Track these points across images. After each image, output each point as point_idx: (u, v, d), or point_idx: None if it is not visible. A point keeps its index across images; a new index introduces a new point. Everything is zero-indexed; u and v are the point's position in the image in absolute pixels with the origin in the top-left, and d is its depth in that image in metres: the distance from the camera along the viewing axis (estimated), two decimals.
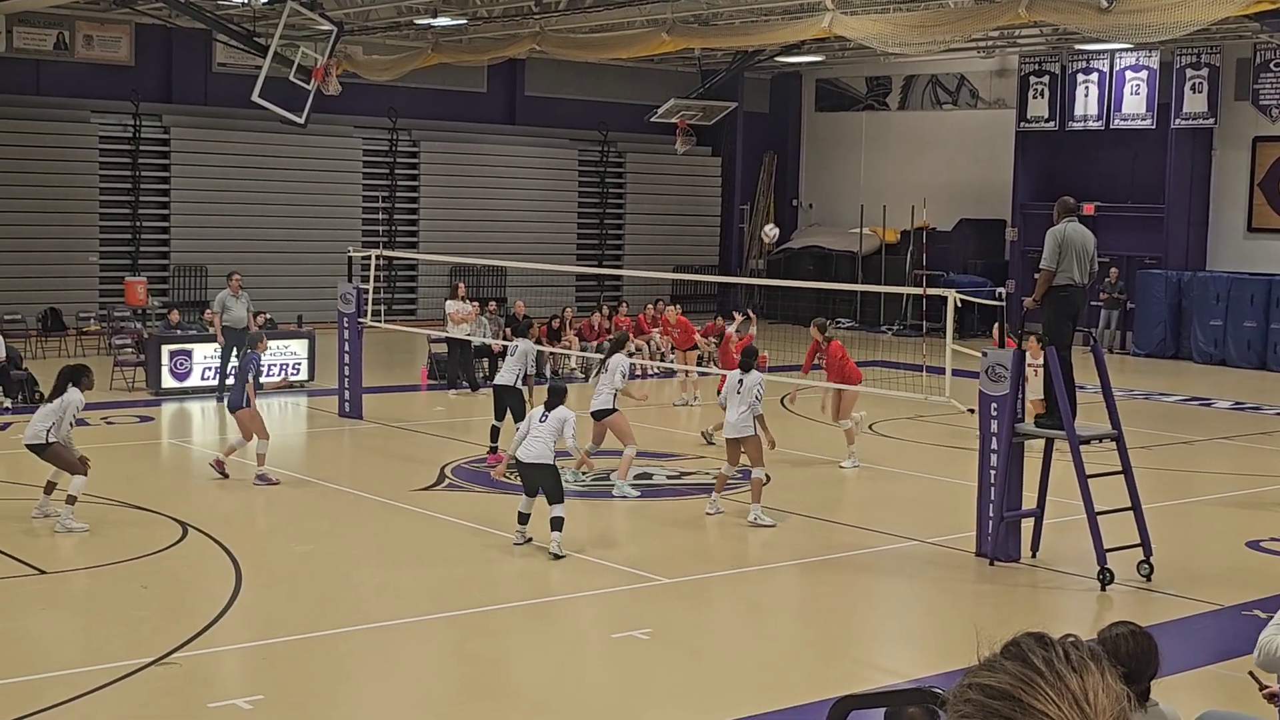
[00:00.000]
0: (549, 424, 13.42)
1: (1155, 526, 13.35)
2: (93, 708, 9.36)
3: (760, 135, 41.84)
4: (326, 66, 26.52)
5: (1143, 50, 32.62)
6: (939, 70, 38.50)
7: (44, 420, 14.35)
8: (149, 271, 31.95)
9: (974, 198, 37.50)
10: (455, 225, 36.34)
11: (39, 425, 14.32)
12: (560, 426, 13.43)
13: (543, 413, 13.57)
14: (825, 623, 12.02)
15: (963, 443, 18.88)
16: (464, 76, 36.11)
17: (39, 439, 14.27)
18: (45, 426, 14.28)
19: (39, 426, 14.31)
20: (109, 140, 32.18)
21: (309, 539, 14.29)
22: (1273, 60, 32.07)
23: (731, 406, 15.09)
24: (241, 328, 22.84)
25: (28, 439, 14.41)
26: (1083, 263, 13.33)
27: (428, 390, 24.76)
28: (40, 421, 14.35)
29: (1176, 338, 32.26)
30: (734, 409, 15.03)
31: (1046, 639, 2.12)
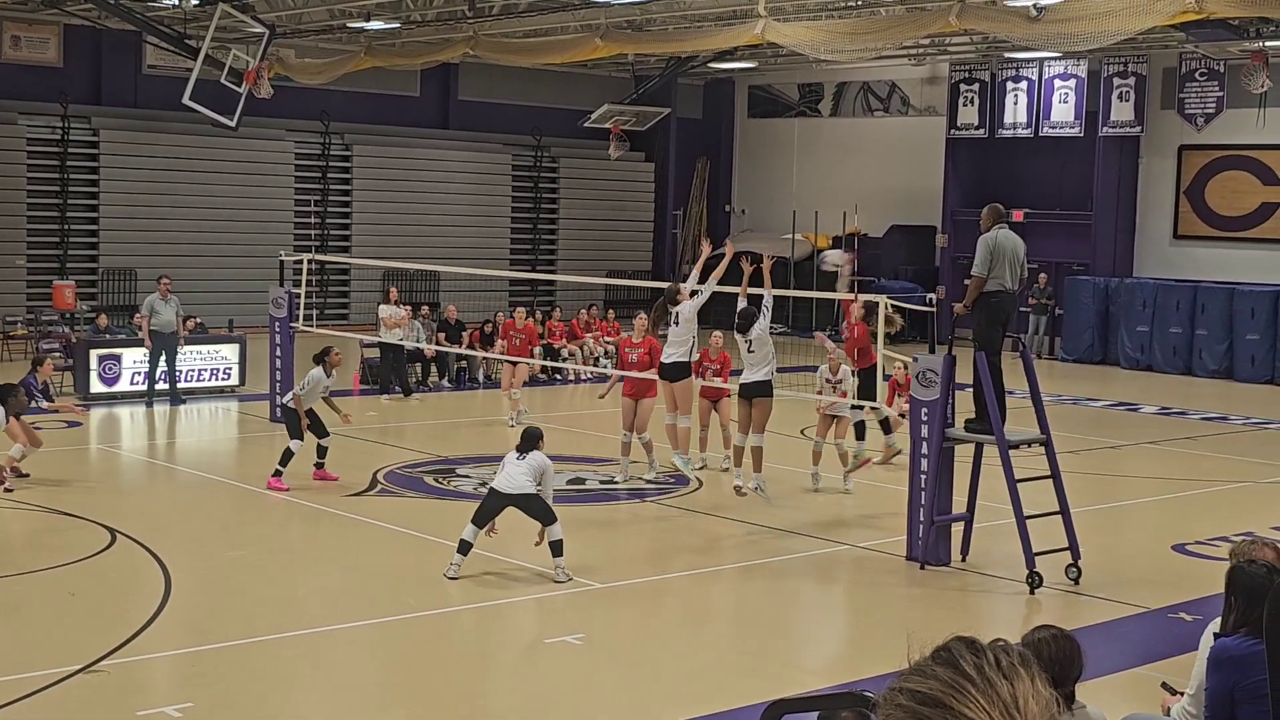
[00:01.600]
0: (527, 464, 12.78)
1: (1083, 530, 13.50)
2: (19, 716, 9.25)
3: (693, 141, 41.96)
4: (258, 69, 26.39)
5: (1071, 59, 33.00)
6: (871, 77, 38.75)
7: None
8: (77, 275, 31.61)
9: (905, 204, 37.77)
10: (388, 229, 36.21)
11: None
12: (540, 472, 12.75)
13: (516, 455, 12.86)
14: (757, 627, 12.07)
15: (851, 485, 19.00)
16: (397, 80, 35.97)
17: None
18: None
19: None
20: (37, 142, 31.82)
21: (240, 544, 14.19)
22: (1198, 70, 32.52)
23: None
24: (170, 332, 22.67)
25: None
26: (1014, 269, 13.45)
27: (360, 395, 24.63)
28: None
29: (1104, 343, 32.63)
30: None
31: (977, 644, 2.13)
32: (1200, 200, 33.16)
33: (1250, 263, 32.16)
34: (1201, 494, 17.98)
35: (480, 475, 17.49)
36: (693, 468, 16.89)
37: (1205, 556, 14.33)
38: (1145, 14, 19.55)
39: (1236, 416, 24.96)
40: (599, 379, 26.58)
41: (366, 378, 25.42)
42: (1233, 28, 24.56)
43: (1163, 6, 19.32)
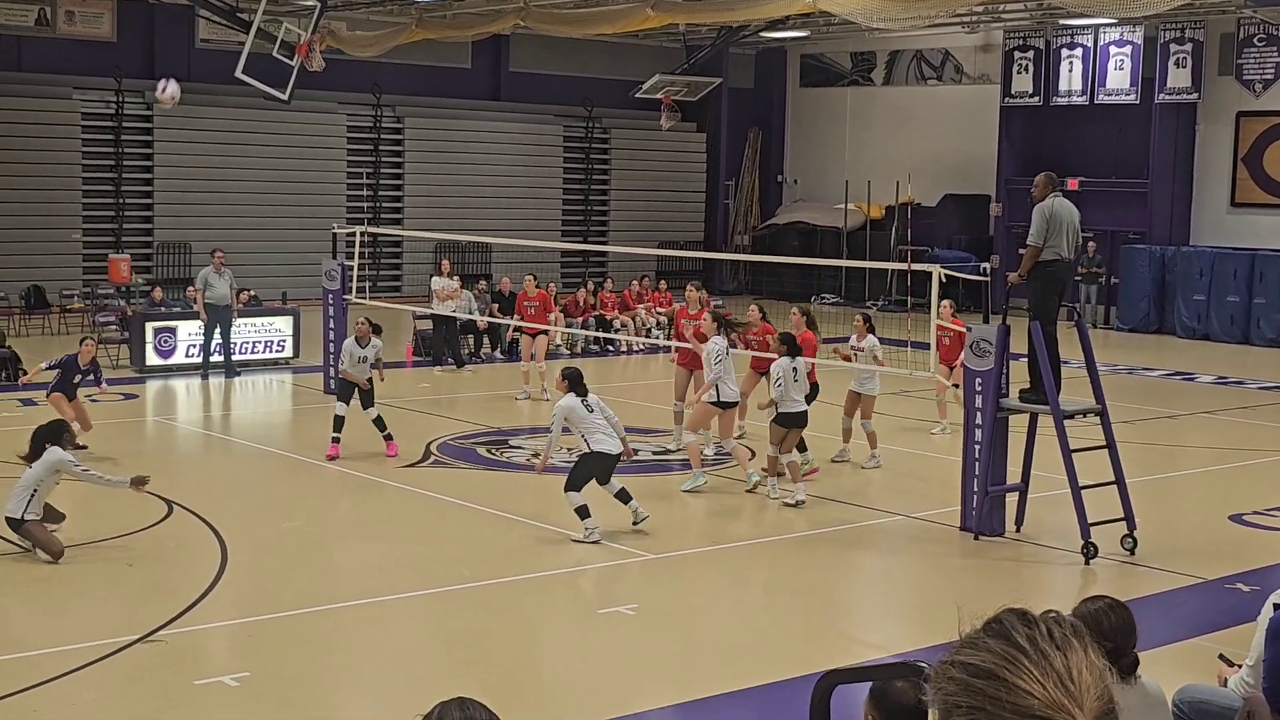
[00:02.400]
0: (603, 414, 13.14)
1: (1139, 501, 13.41)
2: (79, 685, 9.37)
3: (745, 111, 41.78)
4: (310, 42, 26.44)
5: (1127, 25, 32.62)
6: (924, 45, 38.46)
7: (24, 490, 12.42)
8: (132, 249, 31.85)
9: (958, 173, 37.51)
10: (440, 201, 36.28)
11: (17, 497, 12.38)
12: (607, 412, 13.26)
13: (585, 404, 13.03)
14: (811, 598, 12.06)
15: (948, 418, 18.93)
16: (448, 52, 35.98)
17: (14, 514, 12.33)
18: (24, 499, 12.35)
19: (16, 498, 12.38)
20: (91, 117, 32.04)
21: (295, 516, 14.29)
22: (1256, 35, 32.09)
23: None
24: (224, 304, 22.80)
25: (6, 512, 12.43)
26: (1070, 238, 13.34)
27: (413, 367, 24.74)
28: (20, 492, 12.42)
29: (1160, 312, 32.34)
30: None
31: (1029, 616, 2.12)
32: (1258, 167, 32.74)
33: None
34: (1259, 464, 17.80)
35: (533, 446, 17.53)
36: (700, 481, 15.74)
37: (1263, 527, 14.21)
38: None
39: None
40: (651, 350, 26.59)
41: (419, 349, 25.52)
42: None
43: None
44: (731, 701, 9.43)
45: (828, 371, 17.84)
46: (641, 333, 27.06)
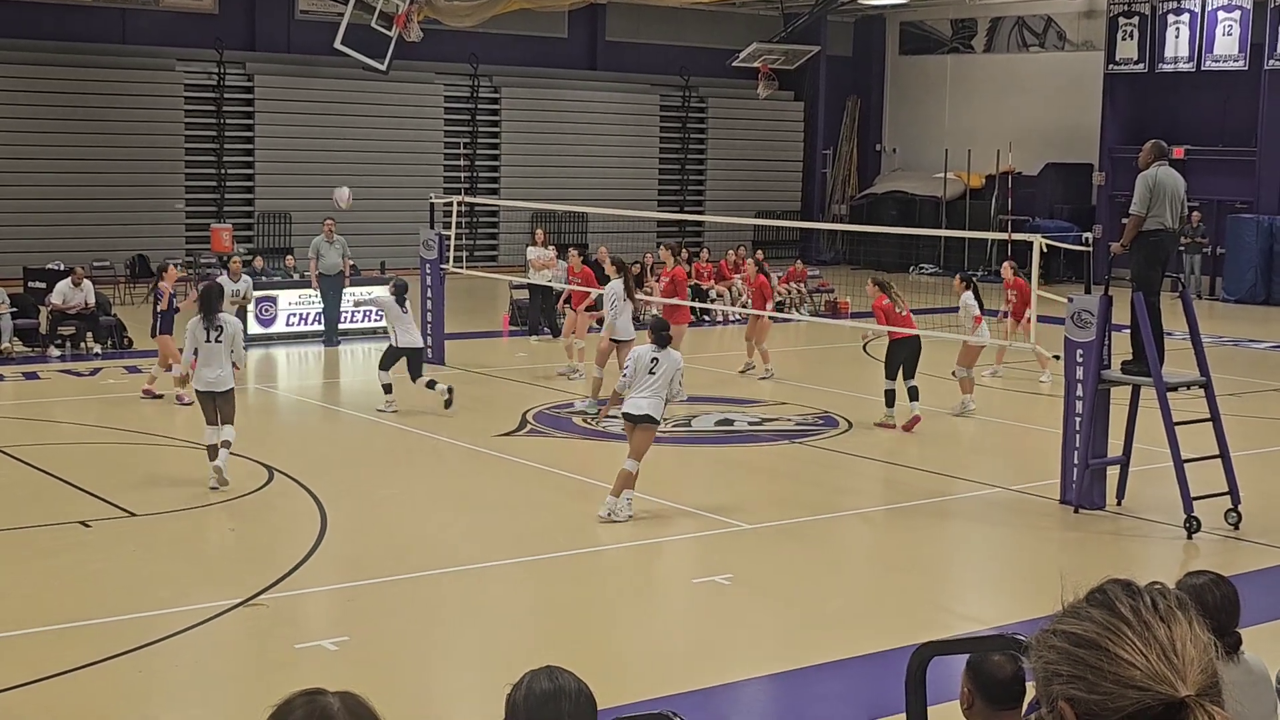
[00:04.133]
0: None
1: (1244, 474, 13.17)
2: (182, 647, 9.53)
3: (843, 79, 41.47)
4: (408, 13, 26.55)
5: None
6: (1025, 12, 37.93)
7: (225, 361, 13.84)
8: (234, 218, 32.24)
9: (1060, 142, 37.00)
10: (536, 171, 36.37)
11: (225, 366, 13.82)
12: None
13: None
14: (907, 570, 11.98)
15: (1048, 389, 18.72)
16: (545, 22, 36.02)
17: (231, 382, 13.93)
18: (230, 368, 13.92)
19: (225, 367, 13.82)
20: (193, 88, 32.45)
21: (393, 484, 14.42)
22: None
23: (642, 387, 12.64)
24: (336, 273, 23.19)
25: (224, 385, 13.80)
26: (1174, 207, 13.10)
27: (509, 336, 24.85)
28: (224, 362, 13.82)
29: (1268, 284, 31.74)
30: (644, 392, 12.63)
31: (1134, 586, 2.09)
32: None
33: None
34: None
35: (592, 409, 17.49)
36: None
37: None
38: None
39: None
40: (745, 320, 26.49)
41: (516, 319, 25.60)
42: None
43: None
44: (827, 672, 9.40)
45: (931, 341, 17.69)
46: (738, 303, 26.95)
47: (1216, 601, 5.53)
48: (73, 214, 30.56)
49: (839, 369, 21.90)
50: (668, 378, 12.56)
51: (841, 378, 21.27)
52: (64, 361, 21.17)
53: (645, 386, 12.58)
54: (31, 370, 20.41)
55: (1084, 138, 36.30)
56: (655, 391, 12.57)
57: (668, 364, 12.60)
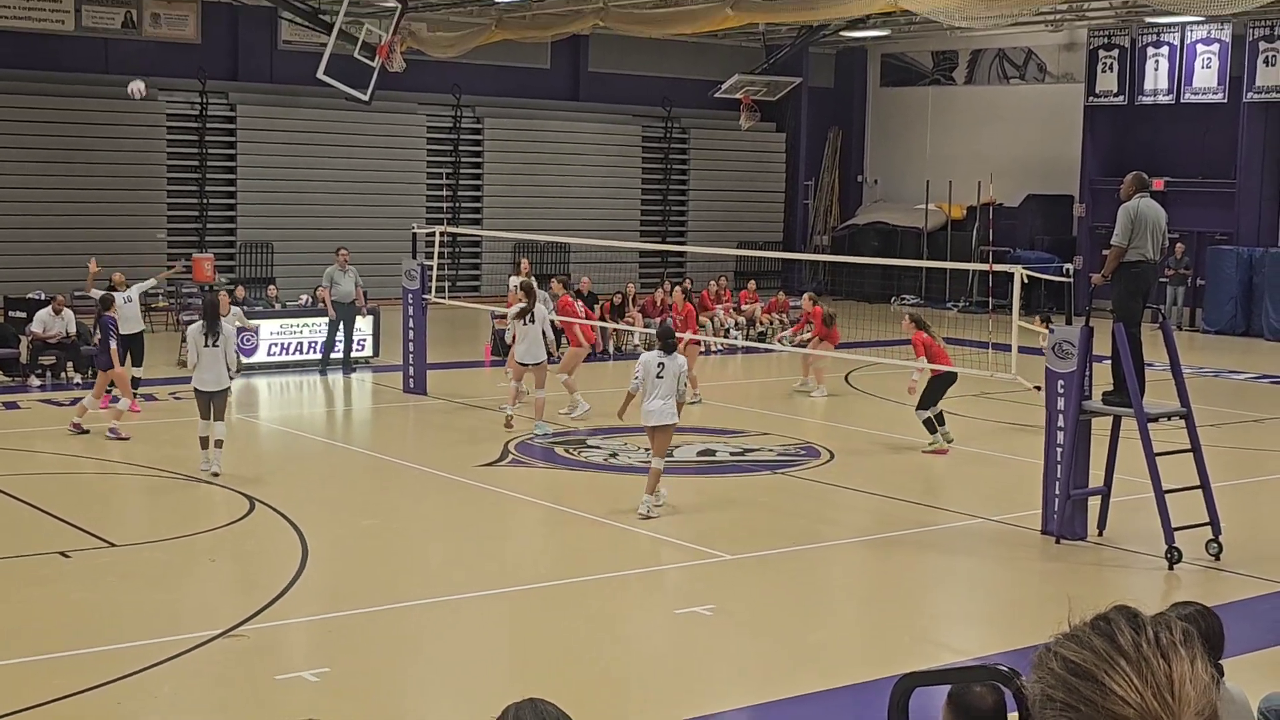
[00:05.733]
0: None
1: (1224, 505, 13.20)
2: (163, 678, 9.47)
3: (825, 111, 41.61)
4: (391, 44, 26.63)
5: (1214, 23, 32.15)
6: (1006, 44, 38.12)
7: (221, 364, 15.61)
8: (216, 248, 32.19)
9: (1041, 173, 37.16)
10: (519, 202, 36.40)
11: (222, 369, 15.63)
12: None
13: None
14: (889, 600, 11.97)
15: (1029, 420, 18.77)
16: (527, 53, 36.09)
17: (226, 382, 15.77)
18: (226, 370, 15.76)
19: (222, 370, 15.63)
20: (176, 118, 32.43)
21: (374, 514, 14.38)
22: None
23: (653, 392, 13.79)
24: (349, 301, 23.40)
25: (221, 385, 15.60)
26: (1156, 238, 13.16)
27: (491, 366, 24.83)
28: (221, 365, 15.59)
29: (1247, 315, 31.86)
30: (655, 396, 13.77)
31: (1139, 618, 2.02)
32: None
33: None
34: None
35: (610, 446, 17.54)
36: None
37: None
38: None
39: None
40: (729, 350, 26.53)
41: (498, 349, 25.58)
42: None
43: None
44: (809, 703, 9.38)
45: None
46: (720, 333, 26.99)
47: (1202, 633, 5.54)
48: (54, 243, 30.49)
49: (820, 400, 21.90)
50: (673, 379, 13.72)
51: (823, 408, 21.29)
52: (44, 391, 21.09)
53: (655, 391, 13.75)
54: (11, 400, 20.33)
55: (1064, 169, 36.46)
56: (665, 394, 13.73)
57: (672, 367, 13.77)
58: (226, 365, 15.73)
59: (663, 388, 13.75)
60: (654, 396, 13.78)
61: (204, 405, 15.59)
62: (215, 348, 15.55)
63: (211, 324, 15.68)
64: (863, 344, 25.38)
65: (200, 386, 15.61)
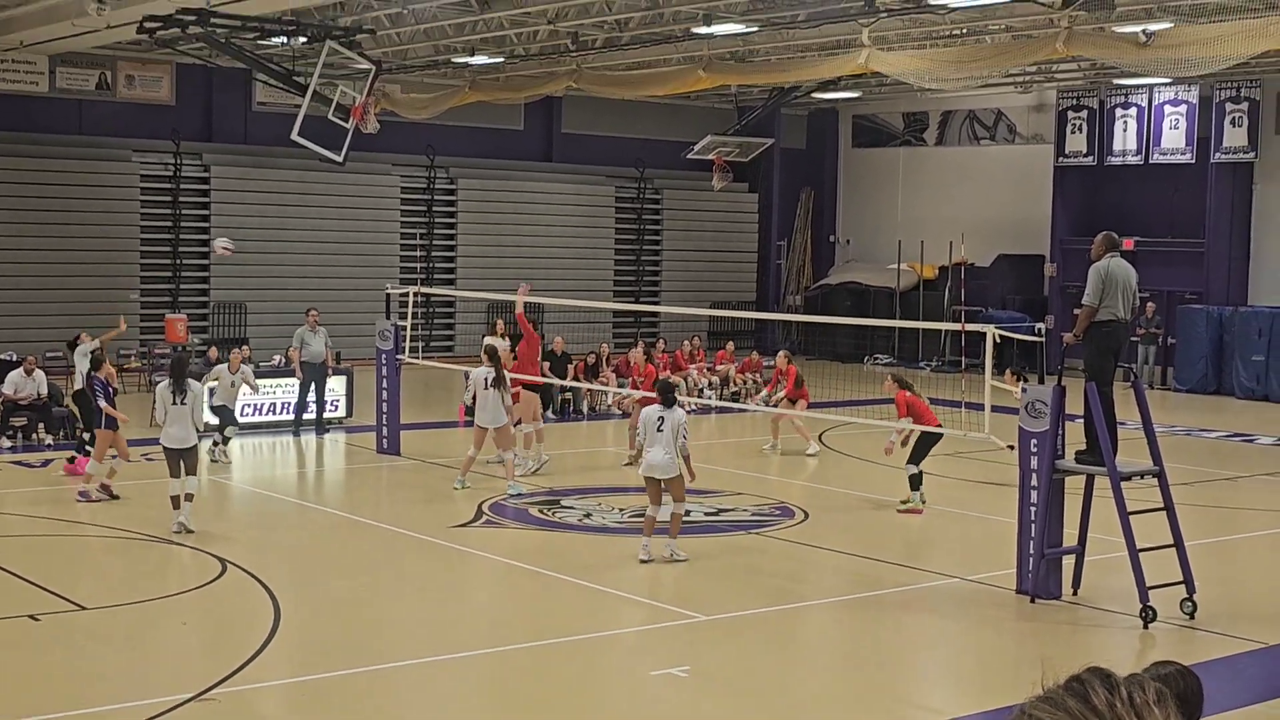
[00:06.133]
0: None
1: (1198, 564, 13.22)
2: None
3: (797, 171, 41.86)
4: (365, 105, 26.71)
5: (1181, 84, 32.52)
6: (976, 106, 38.46)
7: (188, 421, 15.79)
8: (189, 308, 32.14)
9: (1012, 233, 37.39)
10: (493, 262, 36.45)
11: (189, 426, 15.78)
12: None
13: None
14: (865, 661, 11.94)
15: (1003, 479, 18.80)
16: (501, 114, 36.28)
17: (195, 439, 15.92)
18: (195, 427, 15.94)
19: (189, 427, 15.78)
20: (150, 179, 32.46)
21: (348, 575, 14.29)
22: None
23: (654, 445, 14.48)
24: (319, 362, 23.38)
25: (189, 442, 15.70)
26: (1126, 298, 13.25)
27: (465, 426, 24.75)
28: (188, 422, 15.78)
29: (1218, 373, 32.03)
30: (657, 448, 14.44)
31: (1113, 679, 2.03)
32: None
33: None
34: None
35: (585, 507, 17.50)
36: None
37: None
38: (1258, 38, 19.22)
39: None
40: (703, 410, 26.53)
41: (472, 410, 25.50)
42: None
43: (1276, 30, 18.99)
44: None
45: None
46: (694, 393, 27.00)
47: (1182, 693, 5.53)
48: (26, 303, 30.41)
49: (795, 459, 21.92)
50: (673, 431, 14.28)
51: (798, 468, 21.30)
52: (15, 453, 20.98)
53: (657, 443, 14.36)
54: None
55: (1035, 229, 36.71)
56: (666, 446, 14.32)
57: (671, 420, 14.35)
58: (194, 422, 15.84)
59: (663, 440, 14.31)
60: (655, 450, 14.39)
61: (174, 463, 15.66)
62: (182, 405, 15.70)
63: (178, 381, 15.84)
64: (836, 403, 25.44)
65: (167, 443, 15.72)
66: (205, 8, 22.44)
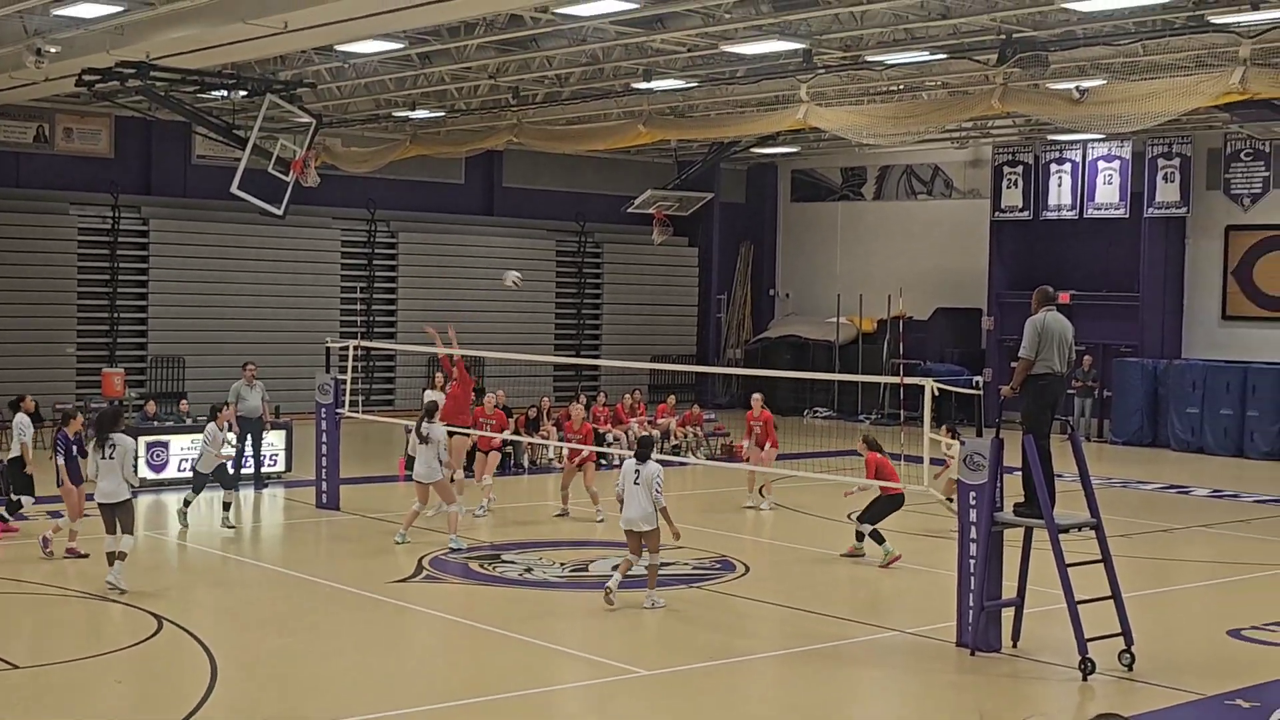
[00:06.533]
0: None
1: (1136, 615, 13.31)
2: None
3: (737, 225, 42.11)
4: (305, 158, 26.71)
5: (1115, 140, 33.00)
6: (914, 160, 38.86)
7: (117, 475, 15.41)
8: (126, 363, 31.88)
9: (950, 287, 37.71)
10: (433, 315, 36.24)
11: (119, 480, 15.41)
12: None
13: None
14: (807, 716, 11.92)
15: (942, 530, 18.90)
16: (442, 168, 36.34)
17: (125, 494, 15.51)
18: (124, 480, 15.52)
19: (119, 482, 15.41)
20: (88, 232, 32.24)
21: (286, 631, 14.16)
22: (1243, 150, 32.46)
23: (630, 498, 14.89)
24: (255, 417, 23.18)
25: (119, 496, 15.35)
26: (1062, 351, 13.38)
27: (405, 481, 24.64)
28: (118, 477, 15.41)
29: (1154, 425, 32.36)
30: (632, 501, 14.87)
31: None
32: (1248, 280, 32.97)
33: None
34: (1256, 578, 17.71)
35: (526, 561, 17.44)
36: None
37: (1262, 642, 14.11)
38: (1189, 95, 19.56)
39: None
40: None
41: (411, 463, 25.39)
42: (1277, 108, 24.50)
43: (1207, 88, 19.34)
44: None
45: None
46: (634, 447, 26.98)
47: None
48: None
49: (736, 513, 21.93)
50: (649, 484, 14.69)
51: (738, 522, 21.31)
52: None
53: (633, 497, 14.77)
54: None
55: (972, 283, 37.05)
56: (642, 499, 14.72)
57: (646, 474, 14.77)
58: (125, 477, 15.50)
59: (639, 494, 14.74)
60: (632, 504, 14.79)
61: (108, 519, 15.46)
62: (110, 459, 15.42)
63: (104, 436, 15.54)
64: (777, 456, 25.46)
65: (99, 498, 15.52)
66: (145, 61, 22.37)
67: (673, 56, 24.07)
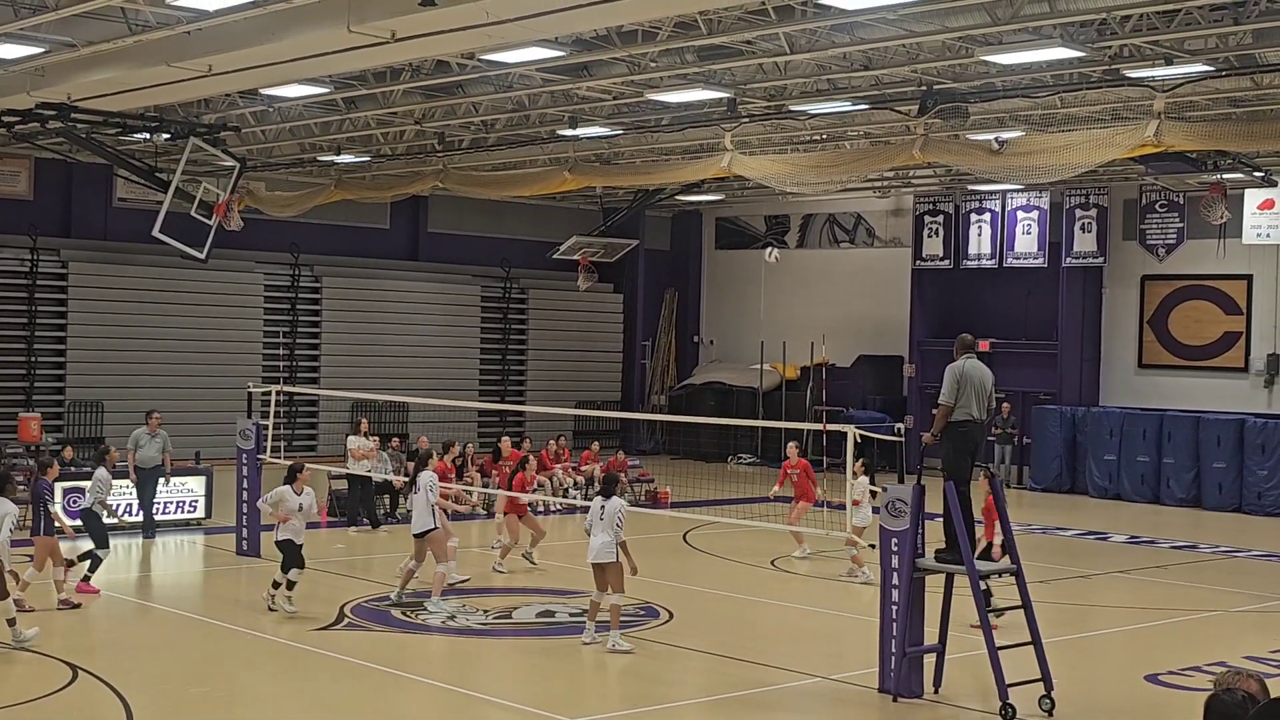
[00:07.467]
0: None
1: (1055, 661, 13.43)
2: None
3: (662, 272, 42.29)
4: (228, 202, 26.57)
5: (1033, 191, 33.48)
6: (836, 209, 39.21)
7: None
8: (43, 407, 31.47)
9: (872, 334, 38.03)
10: (357, 360, 36.24)
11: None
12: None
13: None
14: None
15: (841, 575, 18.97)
16: (367, 213, 36.27)
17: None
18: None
19: None
20: (5, 274, 31.88)
21: (204, 681, 13.98)
22: (1158, 201, 33.03)
23: (595, 532, 15.34)
24: (153, 466, 22.80)
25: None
26: (981, 398, 13.52)
27: (328, 528, 24.47)
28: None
29: (1072, 472, 32.73)
30: (596, 535, 15.31)
31: None
32: (1164, 329, 33.49)
33: (1214, 391, 32.42)
34: (1173, 623, 17.93)
35: (449, 609, 17.32)
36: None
37: (1178, 686, 14.26)
38: (1105, 147, 19.90)
39: (1205, 545, 24.99)
40: (568, 510, 26.46)
41: (334, 509, 25.26)
42: (1191, 160, 24.99)
43: (1122, 140, 19.68)
44: None
45: None
46: (558, 493, 26.94)
47: None
48: None
49: (660, 559, 21.92)
50: (611, 520, 15.18)
51: (662, 568, 21.28)
52: None
53: (598, 530, 15.21)
54: None
55: (894, 330, 37.37)
56: (604, 532, 15.17)
57: (610, 509, 15.27)
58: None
59: (603, 526, 15.20)
60: (596, 538, 15.23)
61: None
62: None
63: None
64: (699, 503, 25.52)
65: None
66: (66, 102, 22.20)
67: (598, 104, 24.21)
